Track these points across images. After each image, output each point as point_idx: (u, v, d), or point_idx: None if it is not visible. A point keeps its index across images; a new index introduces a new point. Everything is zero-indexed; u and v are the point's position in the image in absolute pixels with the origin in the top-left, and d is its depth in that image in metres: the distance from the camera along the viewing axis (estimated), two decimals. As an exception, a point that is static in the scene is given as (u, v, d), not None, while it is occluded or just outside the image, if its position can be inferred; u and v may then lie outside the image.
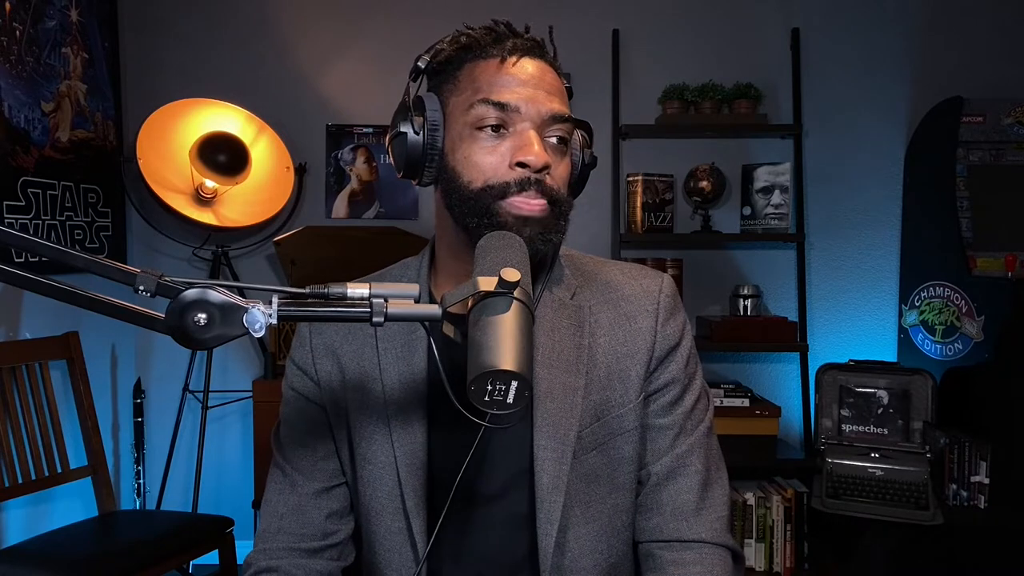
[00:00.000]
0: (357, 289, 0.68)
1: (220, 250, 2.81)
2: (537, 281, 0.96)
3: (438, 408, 0.94)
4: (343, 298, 0.68)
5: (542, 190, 0.87)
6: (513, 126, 0.88)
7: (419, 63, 0.92)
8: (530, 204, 0.87)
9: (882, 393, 2.44)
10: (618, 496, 0.95)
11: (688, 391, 0.98)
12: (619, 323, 0.96)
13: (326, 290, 0.68)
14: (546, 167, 0.87)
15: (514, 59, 0.88)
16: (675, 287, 1.00)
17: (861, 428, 2.45)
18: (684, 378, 0.98)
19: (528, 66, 0.89)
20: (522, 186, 0.87)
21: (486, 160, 0.88)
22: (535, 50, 0.91)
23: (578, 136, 0.97)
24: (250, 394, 2.75)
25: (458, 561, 0.95)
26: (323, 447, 1.00)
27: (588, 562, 0.93)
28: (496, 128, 0.88)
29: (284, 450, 1.01)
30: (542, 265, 0.98)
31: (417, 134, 0.89)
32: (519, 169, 0.87)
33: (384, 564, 0.96)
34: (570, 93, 0.95)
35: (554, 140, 0.90)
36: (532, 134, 0.87)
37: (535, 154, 0.86)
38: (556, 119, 0.89)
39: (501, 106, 0.87)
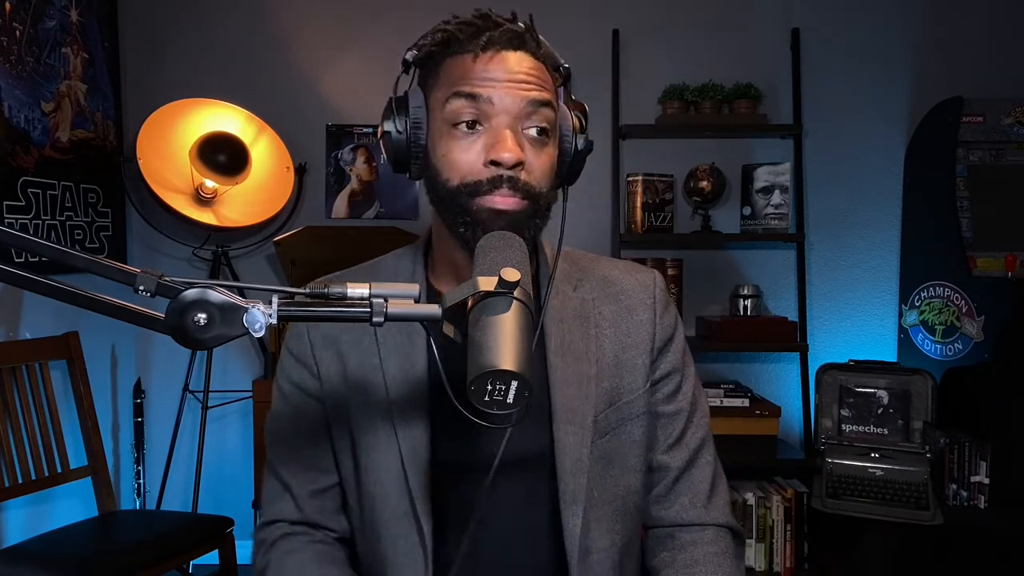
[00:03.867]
0: (357, 289, 0.68)
1: (220, 250, 2.82)
2: (540, 276, 1.00)
3: (440, 395, 0.94)
4: (343, 298, 0.68)
5: (515, 187, 0.87)
6: (488, 121, 0.87)
7: (407, 56, 0.91)
8: (504, 200, 0.87)
9: (882, 393, 2.44)
10: (629, 478, 0.99)
11: (686, 379, 1.04)
12: (621, 316, 1.01)
13: (326, 290, 0.68)
14: (520, 163, 0.86)
15: (489, 52, 0.87)
16: (664, 281, 1.08)
17: (861, 428, 2.45)
18: (682, 366, 1.04)
19: (503, 58, 0.87)
20: (494, 184, 0.86)
21: (462, 158, 0.88)
22: (513, 41, 0.88)
23: (574, 121, 0.94)
24: (250, 394, 2.75)
25: (471, 546, 0.94)
26: (319, 444, 1.00)
27: (606, 541, 0.97)
28: (471, 124, 0.87)
29: (279, 447, 1.02)
30: (541, 260, 1.01)
31: (400, 133, 0.90)
32: (492, 167, 0.86)
33: (389, 549, 0.96)
34: (568, 76, 0.94)
35: (533, 132, 0.88)
36: (506, 131, 0.86)
37: (508, 150, 0.85)
38: (534, 105, 0.87)
39: (473, 98, 0.86)
